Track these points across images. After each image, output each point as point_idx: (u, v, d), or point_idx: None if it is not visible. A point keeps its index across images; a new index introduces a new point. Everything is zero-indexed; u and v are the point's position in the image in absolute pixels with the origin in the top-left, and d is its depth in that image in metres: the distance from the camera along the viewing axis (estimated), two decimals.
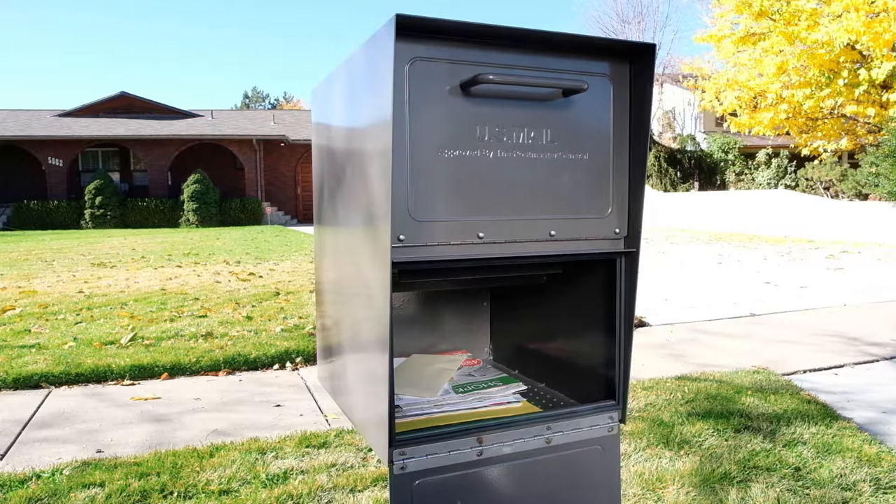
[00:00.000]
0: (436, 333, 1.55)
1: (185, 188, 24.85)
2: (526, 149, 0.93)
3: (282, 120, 30.56)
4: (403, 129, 0.84)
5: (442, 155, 0.88)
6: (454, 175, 0.90)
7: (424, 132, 0.85)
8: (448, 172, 0.90)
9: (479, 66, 0.84)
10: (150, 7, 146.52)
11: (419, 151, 0.87)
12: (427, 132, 0.85)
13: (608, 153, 0.93)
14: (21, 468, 2.76)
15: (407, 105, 0.82)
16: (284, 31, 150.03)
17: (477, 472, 1.02)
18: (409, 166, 0.87)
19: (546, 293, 1.33)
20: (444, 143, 0.88)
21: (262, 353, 4.50)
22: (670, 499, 2.43)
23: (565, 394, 1.25)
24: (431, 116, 0.85)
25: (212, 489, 2.54)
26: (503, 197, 0.95)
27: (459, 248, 0.96)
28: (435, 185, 0.90)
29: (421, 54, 0.78)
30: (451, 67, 0.81)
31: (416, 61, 0.78)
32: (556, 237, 1.02)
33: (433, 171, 0.89)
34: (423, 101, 0.83)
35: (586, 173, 0.96)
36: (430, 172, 0.89)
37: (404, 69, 0.79)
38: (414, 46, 0.77)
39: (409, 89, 0.81)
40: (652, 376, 3.96)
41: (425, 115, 0.84)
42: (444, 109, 0.85)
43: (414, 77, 0.79)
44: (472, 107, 0.85)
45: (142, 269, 9.88)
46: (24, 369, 4.07)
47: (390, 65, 0.83)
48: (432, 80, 0.81)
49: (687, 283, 7.91)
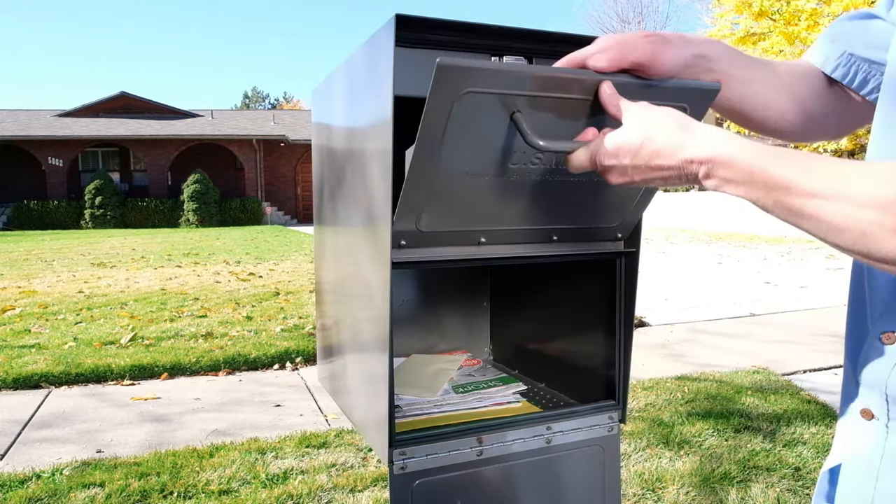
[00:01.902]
0: (436, 333, 1.55)
1: (185, 188, 24.85)
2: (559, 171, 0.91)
3: (282, 120, 30.56)
4: (435, 153, 0.81)
5: (466, 178, 0.86)
6: (470, 195, 0.89)
7: (456, 156, 0.83)
8: (465, 192, 0.89)
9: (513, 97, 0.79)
10: (150, 7, 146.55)
11: (444, 174, 0.84)
12: (459, 156, 0.83)
13: None
14: (21, 468, 2.76)
15: (446, 130, 0.78)
16: (284, 31, 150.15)
17: (477, 472, 1.03)
18: (430, 189, 0.86)
19: (546, 293, 1.33)
20: (474, 166, 0.85)
21: (261, 353, 4.50)
22: (670, 499, 2.43)
23: (565, 394, 1.25)
24: (470, 142, 0.82)
25: (212, 489, 2.54)
26: (511, 210, 0.95)
27: (460, 250, 0.96)
28: (448, 204, 0.90)
29: (472, 88, 0.74)
30: (501, 98, 0.77)
31: (467, 94, 0.76)
32: (557, 240, 1.02)
33: (452, 192, 0.88)
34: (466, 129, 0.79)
35: (596, 185, 0.96)
36: (449, 194, 0.88)
37: (453, 103, 0.75)
38: (465, 78, 0.73)
39: (450, 118, 0.77)
40: (652, 376, 3.96)
41: (464, 141, 0.82)
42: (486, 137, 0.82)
43: (460, 108, 0.76)
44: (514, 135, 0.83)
45: (142, 269, 9.88)
46: (24, 369, 4.07)
47: (390, 65, 0.83)
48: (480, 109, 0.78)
49: (687, 283, 7.91)
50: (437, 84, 0.73)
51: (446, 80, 0.73)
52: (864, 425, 0.73)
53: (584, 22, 46.22)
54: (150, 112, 28.59)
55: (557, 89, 0.78)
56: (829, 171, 0.59)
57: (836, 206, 0.57)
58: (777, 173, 0.61)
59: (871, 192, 0.55)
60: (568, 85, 0.78)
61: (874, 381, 0.71)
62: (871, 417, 0.72)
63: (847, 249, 0.59)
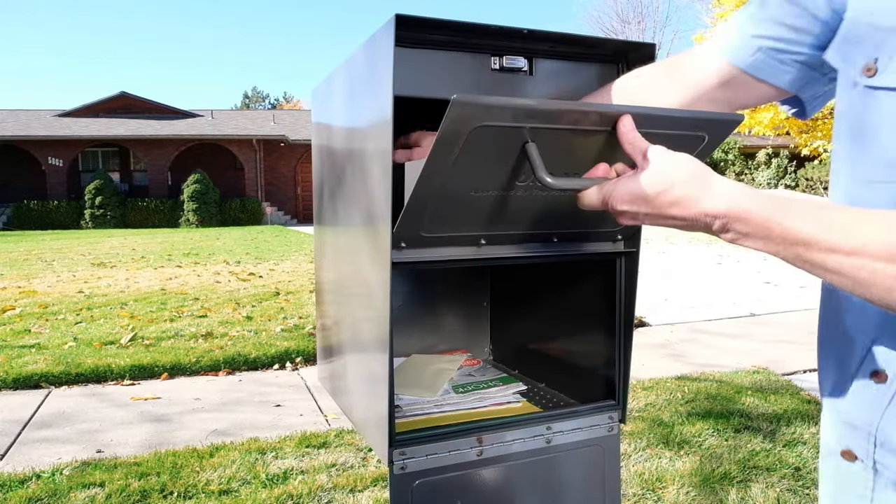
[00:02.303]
0: (436, 333, 1.55)
1: (185, 188, 24.84)
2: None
3: (282, 120, 30.55)
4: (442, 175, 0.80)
5: (472, 194, 0.86)
6: (474, 207, 0.89)
7: (464, 177, 0.82)
8: (470, 205, 0.88)
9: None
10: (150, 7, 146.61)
11: (451, 192, 0.84)
12: (467, 177, 0.82)
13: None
14: (21, 468, 2.76)
15: (456, 157, 0.77)
16: (284, 31, 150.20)
17: (477, 472, 1.03)
18: (435, 204, 0.85)
19: (546, 293, 1.33)
20: (481, 186, 0.84)
21: (262, 353, 4.50)
22: (670, 499, 2.43)
23: (565, 394, 1.25)
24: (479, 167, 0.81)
25: (212, 489, 2.54)
26: (512, 217, 0.94)
27: (460, 250, 0.96)
28: (452, 216, 0.89)
29: (485, 122, 0.73)
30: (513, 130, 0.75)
31: (479, 129, 0.75)
32: (557, 240, 1.02)
33: (457, 206, 0.87)
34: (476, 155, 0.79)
35: None
36: (454, 208, 0.87)
37: (466, 134, 0.74)
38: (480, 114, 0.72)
39: (461, 148, 0.76)
40: (652, 376, 3.96)
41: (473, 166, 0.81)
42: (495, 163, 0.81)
43: (471, 139, 0.75)
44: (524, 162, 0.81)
45: (142, 269, 9.88)
46: (24, 369, 4.07)
47: (390, 65, 0.83)
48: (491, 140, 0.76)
49: (687, 282, 7.91)
50: (450, 119, 0.72)
51: (460, 115, 0.72)
52: (847, 468, 0.70)
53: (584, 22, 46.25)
54: (150, 112, 28.58)
55: (572, 121, 0.77)
56: (848, 225, 0.57)
57: (859, 262, 0.56)
58: (795, 229, 0.60)
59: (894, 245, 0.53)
60: (584, 117, 0.76)
61: (860, 422, 0.68)
62: (853, 459, 0.69)
63: (876, 302, 0.57)
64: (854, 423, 0.68)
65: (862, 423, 0.67)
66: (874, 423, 0.66)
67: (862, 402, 0.67)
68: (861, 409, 0.67)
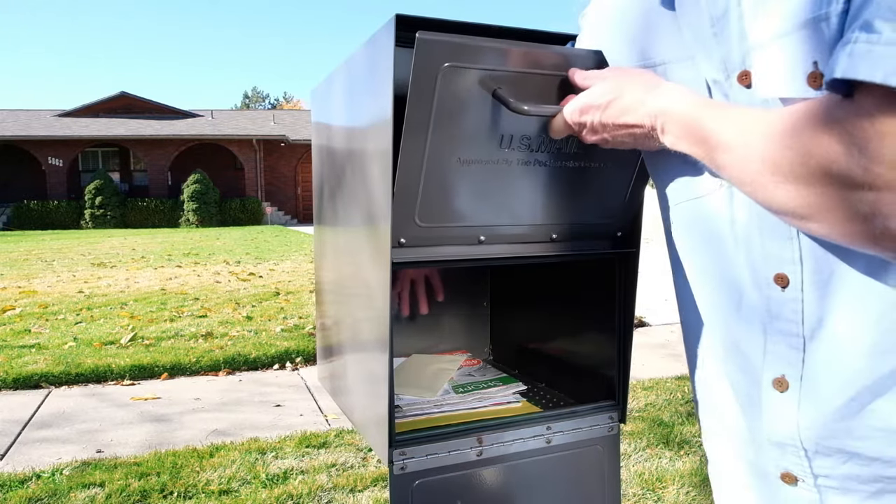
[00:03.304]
0: (436, 333, 1.55)
1: (185, 188, 24.85)
2: (550, 157, 0.91)
3: (282, 120, 30.56)
4: (423, 136, 0.82)
5: (459, 164, 0.87)
6: (466, 183, 0.89)
7: (446, 140, 0.83)
8: (460, 181, 0.89)
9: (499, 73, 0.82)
10: (150, 7, 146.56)
11: (436, 159, 0.85)
12: (449, 139, 0.84)
13: (614, 154, 0.92)
14: (21, 468, 2.76)
15: (433, 112, 0.79)
16: (284, 31, 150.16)
17: (477, 472, 1.02)
18: (424, 175, 0.86)
19: (546, 293, 1.33)
20: (465, 151, 0.86)
21: (262, 353, 4.50)
22: (670, 499, 2.43)
23: (565, 394, 1.25)
24: (457, 124, 0.83)
25: (212, 489, 2.54)
26: (509, 203, 0.94)
27: (459, 249, 0.96)
28: (444, 193, 0.90)
29: (453, 62, 0.77)
30: (482, 76, 0.78)
31: (449, 69, 0.77)
32: (557, 239, 1.02)
33: (447, 179, 0.88)
34: (452, 109, 0.81)
35: (594, 179, 0.96)
36: (444, 181, 0.88)
37: (437, 78, 0.76)
38: (445, 52, 0.76)
39: (437, 96, 0.78)
40: (652, 376, 3.96)
41: (451, 123, 0.82)
42: (472, 117, 0.83)
43: (443, 86, 0.78)
44: (500, 115, 0.84)
45: (142, 269, 9.88)
46: (24, 369, 4.07)
47: (390, 65, 0.83)
48: (463, 87, 0.79)
49: None
50: (419, 59, 0.76)
51: (427, 54, 0.76)
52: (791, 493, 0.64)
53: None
54: (150, 112, 28.59)
55: (536, 65, 0.81)
56: (740, 118, 0.56)
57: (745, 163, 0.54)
58: (706, 125, 0.58)
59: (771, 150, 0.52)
60: (546, 59, 0.82)
61: (783, 438, 0.63)
62: (794, 482, 0.63)
63: (762, 204, 0.56)
64: (777, 440, 0.64)
65: (784, 438, 0.63)
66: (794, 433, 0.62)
67: (775, 417, 0.63)
68: (777, 424, 0.63)
